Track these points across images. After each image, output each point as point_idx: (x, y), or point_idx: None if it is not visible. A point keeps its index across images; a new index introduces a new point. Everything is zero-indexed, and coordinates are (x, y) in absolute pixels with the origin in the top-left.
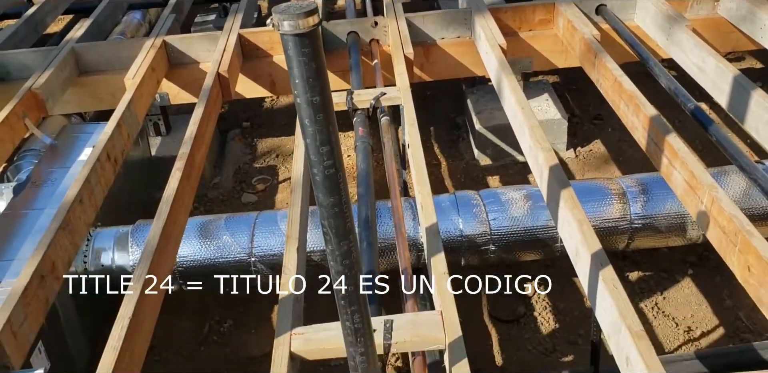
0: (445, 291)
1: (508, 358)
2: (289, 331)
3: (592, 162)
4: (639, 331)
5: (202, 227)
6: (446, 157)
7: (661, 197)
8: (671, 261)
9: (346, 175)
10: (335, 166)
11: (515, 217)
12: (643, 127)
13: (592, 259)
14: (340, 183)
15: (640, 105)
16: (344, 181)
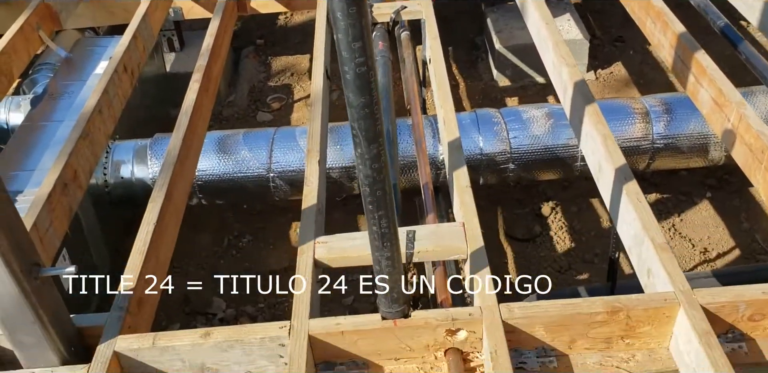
0: (467, 203)
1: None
2: (312, 240)
3: (612, 84)
4: (662, 243)
5: (220, 141)
6: (465, 78)
7: (685, 117)
8: (690, 184)
9: (377, 76)
10: (367, 64)
11: (536, 135)
12: (671, 44)
13: (616, 173)
14: (371, 82)
15: (669, 22)
16: (375, 81)
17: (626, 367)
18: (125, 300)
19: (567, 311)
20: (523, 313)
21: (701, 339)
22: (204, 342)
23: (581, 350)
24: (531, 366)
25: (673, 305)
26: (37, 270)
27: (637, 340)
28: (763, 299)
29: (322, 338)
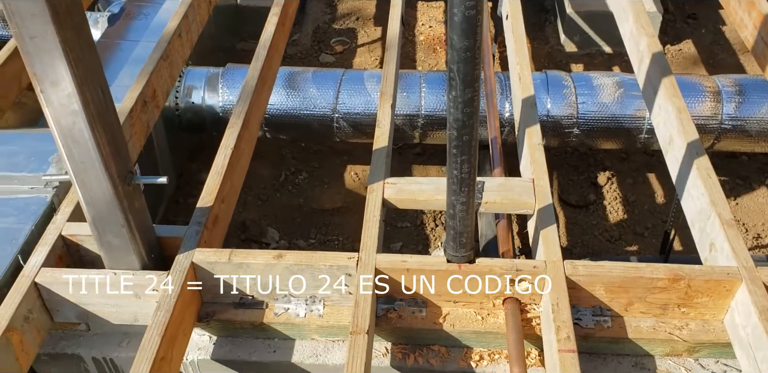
0: (538, 160)
1: (573, 240)
2: (382, 180)
3: (680, 62)
4: (729, 219)
5: (290, 77)
6: (531, 40)
7: (758, 100)
8: (749, 169)
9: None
10: (477, 7)
11: (604, 103)
12: (754, 25)
13: (687, 147)
14: (477, 26)
15: (756, 1)
16: (482, 26)
17: (679, 334)
18: (204, 216)
19: (630, 273)
20: (587, 271)
21: (761, 315)
22: (276, 263)
23: (636, 314)
24: (586, 323)
25: (735, 279)
26: (131, 177)
27: (693, 310)
28: None
29: (387, 273)
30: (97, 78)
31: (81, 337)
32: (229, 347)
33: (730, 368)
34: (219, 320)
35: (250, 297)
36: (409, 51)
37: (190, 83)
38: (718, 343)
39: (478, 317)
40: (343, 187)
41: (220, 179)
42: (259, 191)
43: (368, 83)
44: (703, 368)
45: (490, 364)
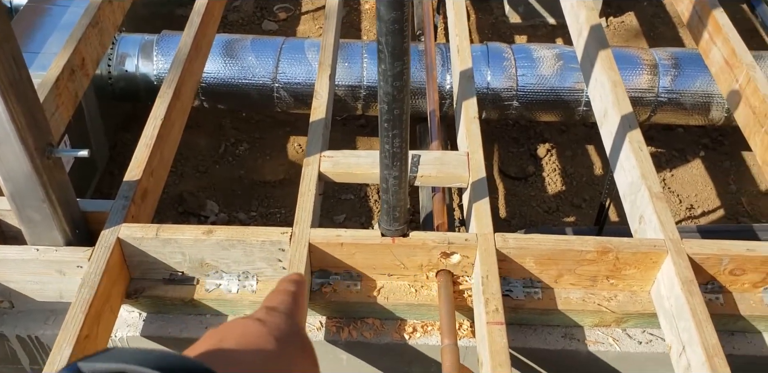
0: (474, 134)
1: (512, 211)
2: (318, 153)
3: (622, 33)
4: (658, 192)
5: (228, 45)
6: (476, 10)
7: (692, 74)
8: (685, 141)
9: None
10: None
11: (543, 75)
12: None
13: (621, 120)
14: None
15: None
16: None
17: (607, 305)
18: (131, 190)
19: (559, 246)
20: (517, 243)
21: (683, 286)
22: (206, 239)
23: (566, 286)
24: (516, 295)
25: (661, 251)
26: (50, 150)
27: (621, 281)
28: (747, 255)
29: (322, 248)
30: (8, 46)
31: (5, 315)
32: (159, 323)
33: (655, 337)
34: (148, 297)
35: (180, 273)
36: (354, 20)
37: (124, 51)
38: (645, 313)
39: (411, 289)
40: (285, 158)
41: (148, 151)
42: (197, 163)
43: (309, 53)
44: (630, 337)
45: (423, 336)
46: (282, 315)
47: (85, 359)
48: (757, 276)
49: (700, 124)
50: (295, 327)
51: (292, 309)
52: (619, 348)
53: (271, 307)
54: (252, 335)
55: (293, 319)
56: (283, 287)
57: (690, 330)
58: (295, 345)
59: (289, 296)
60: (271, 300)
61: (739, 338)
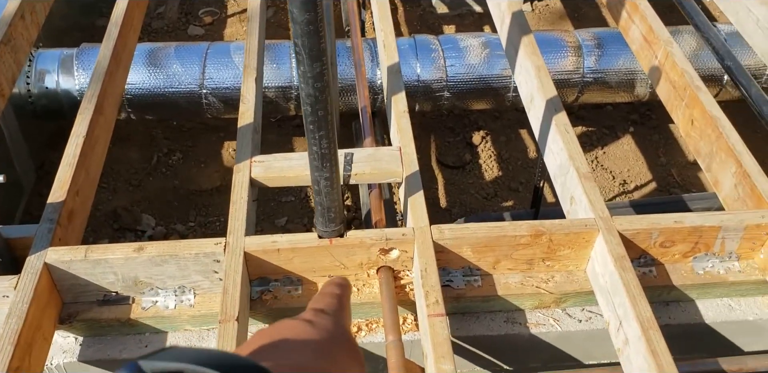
0: (404, 128)
1: (452, 201)
2: (249, 158)
3: (547, 17)
4: (586, 172)
5: (151, 54)
6: (403, 3)
7: (615, 52)
8: (614, 118)
9: None
10: None
11: (472, 64)
12: None
13: (547, 104)
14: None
15: None
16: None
17: (545, 287)
18: (55, 212)
19: (494, 233)
20: (453, 234)
21: (616, 263)
22: (138, 256)
23: (504, 271)
24: (457, 284)
25: (592, 230)
26: None
27: (557, 262)
28: (675, 227)
29: (258, 255)
30: None
31: None
32: (97, 346)
33: (594, 314)
34: (83, 320)
35: (114, 293)
36: (281, 19)
37: (42, 67)
38: (582, 292)
39: (353, 288)
40: (221, 165)
41: (72, 171)
42: (129, 176)
43: (236, 56)
44: (570, 316)
45: (368, 334)
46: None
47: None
48: (686, 246)
49: (627, 100)
50: (341, 329)
51: (338, 311)
52: (560, 328)
53: (318, 309)
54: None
55: (340, 320)
56: (328, 290)
57: (625, 305)
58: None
59: (334, 298)
60: (318, 302)
61: (674, 307)
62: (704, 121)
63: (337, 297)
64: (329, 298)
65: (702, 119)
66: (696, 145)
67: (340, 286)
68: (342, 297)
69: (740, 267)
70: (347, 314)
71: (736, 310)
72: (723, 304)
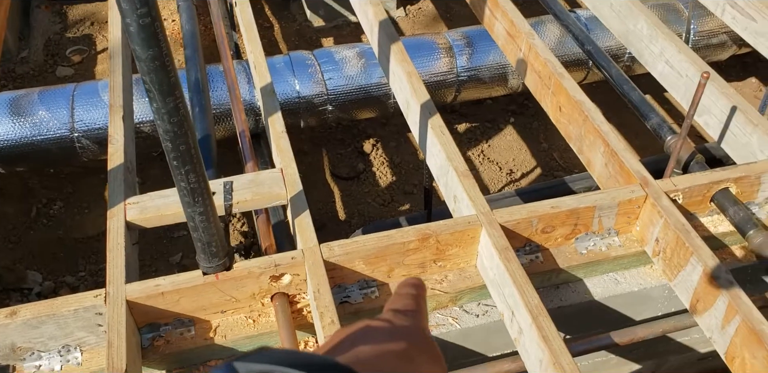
0: (284, 149)
1: (350, 211)
2: (122, 201)
3: (422, 20)
4: (464, 171)
5: (13, 103)
6: (278, 19)
7: (485, 49)
8: (495, 112)
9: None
10: (150, 14)
11: (350, 75)
12: None
13: (422, 109)
14: (158, 33)
15: None
16: (162, 32)
17: (440, 287)
18: None
19: (383, 243)
20: (343, 250)
21: (501, 255)
22: (11, 322)
23: (399, 278)
24: (355, 299)
25: (475, 226)
26: None
27: (448, 262)
28: (552, 212)
29: (142, 302)
30: None
31: None
32: None
33: (490, 307)
34: None
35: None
36: None
37: None
38: (475, 287)
39: (249, 320)
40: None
41: None
42: (7, 233)
43: (105, 95)
44: (468, 313)
45: None
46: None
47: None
48: (566, 229)
49: (504, 93)
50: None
51: (416, 312)
52: (459, 326)
53: (396, 309)
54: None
55: (418, 322)
56: (404, 291)
57: (514, 295)
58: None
59: (411, 299)
60: (395, 303)
61: (564, 289)
62: (570, 107)
63: (413, 297)
64: (406, 299)
65: (568, 105)
66: (566, 130)
67: (415, 286)
68: (418, 297)
69: (620, 242)
70: (424, 314)
71: (622, 283)
72: (609, 279)
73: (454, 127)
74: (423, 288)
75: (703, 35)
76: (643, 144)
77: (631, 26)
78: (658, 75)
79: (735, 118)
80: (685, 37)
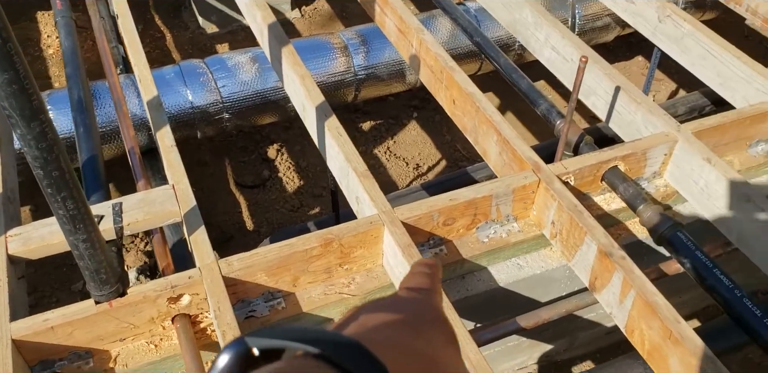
0: (174, 163)
1: (259, 221)
2: (2, 233)
3: (318, 20)
4: (364, 171)
5: None
6: (170, 29)
7: (380, 46)
8: (398, 108)
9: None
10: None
11: (245, 81)
12: None
13: (317, 111)
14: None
15: None
16: (18, 54)
17: (348, 291)
18: None
19: (284, 252)
20: (242, 264)
21: (404, 252)
22: None
23: (305, 286)
24: (261, 312)
25: (378, 226)
26: None
27: (354, 264)
28: (451, 205)
29: (31, 339)
30: None
31: None
32: None
33: None
34: None
35: None
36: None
37: None
38: (383, 286)
39: (151, 346)
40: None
41: None
42: None
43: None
44: None
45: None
46: (421, 296)
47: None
48: (466, 220)
49: (404, 89)
50: (435, 308)
51: (430, 291)
52: None
53: (411, 287)
54: (391, 311)
55: (432, 300)
56: (418, 270)
57: None
58: (436, 326)
59: (425, 277)
60: (409, 282)
61: (470, 278)
62: (463, 99)
63: (427, 276)
64: (419, 277)
65: (461, 98)
66: (462, 122)
67: (429, 265)
68: (433, 276)
69: (519, 227)
70: (438, 293)
71: (525, 267)
72: (512, 264)
73: (358, 125)
74: (437, 268)
75: (587, 19)
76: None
77: (517, 15)
78: (545, 61)
79: (619, 98)
80: (571, 22)
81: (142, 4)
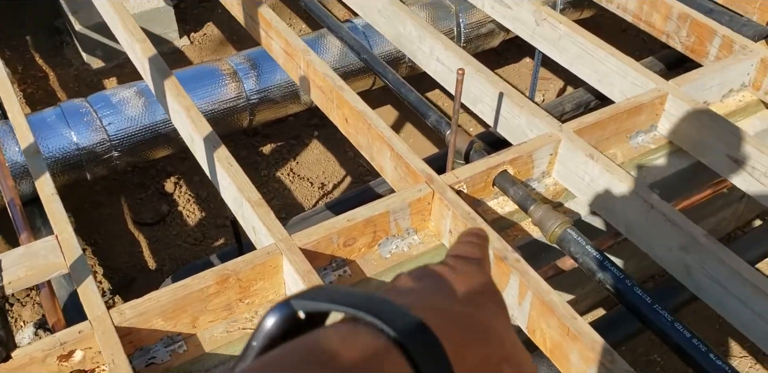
0: (56, 213)
1: (161, 258)
2: None
3: (208, 46)
4: (258, 200)
5: None
6: (53, 67)
7: (270, 69)
8: (298, 128)
9: None
10: None
11: (132, 117)
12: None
13: (206, 142)
14: None
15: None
16: None
17: (252, 325)
18: None
19: (179, 294)
20: (135, 311)
21: (304, 279)
22: None
23: (206, 325)
24: (161, 358)
25: (275, 255)
26: None
27: (256, 297)
28: (349, 225)
29: None
30: None
31: None
32: None
33: None
34: None
35: None
36: None
37: None
38: None
39: None
40: None
41: None
42: None
43: None
44: None
45: None
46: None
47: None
48: (367, 238)
49: (300, 110)
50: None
51: (480, 259)
52: None
53: (458, 255)
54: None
55: (483, 268)
56: (466, 239)
57: None
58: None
59: (474, 246)
60: (457, 250)
61: None
62: (355, 117)
63: (477, 245)
64: (469, 246)
65: (353, 116)
66: (356, 140)
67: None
68: (482, 246)
69: (420, 239)
70: (488, 263)
71: None
72: None
73: (259, 149)
74: (486, 239)
75: (472, 27)
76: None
77: (401, 29)
78: (432, 73)
79: (504, 104)
80: (457, 31)
81: (20, 44)
